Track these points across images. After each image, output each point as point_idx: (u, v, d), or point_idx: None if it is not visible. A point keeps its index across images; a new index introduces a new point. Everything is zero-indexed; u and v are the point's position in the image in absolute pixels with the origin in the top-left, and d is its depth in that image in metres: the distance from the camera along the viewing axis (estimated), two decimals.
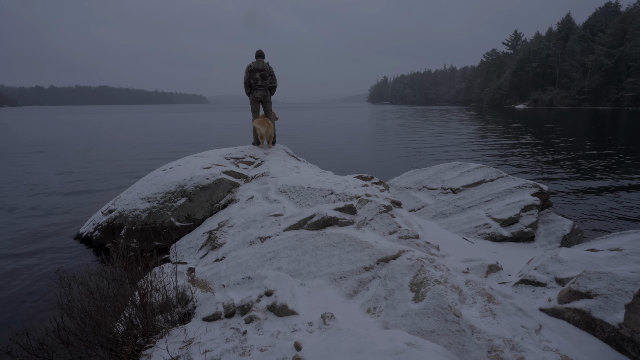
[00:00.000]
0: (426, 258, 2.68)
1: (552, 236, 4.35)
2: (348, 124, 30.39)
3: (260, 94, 6.42)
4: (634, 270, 2.27)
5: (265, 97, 6.48)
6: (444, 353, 1.70)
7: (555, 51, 63.54)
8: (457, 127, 25.49)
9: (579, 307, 2.14)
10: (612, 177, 8.93)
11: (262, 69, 6.36)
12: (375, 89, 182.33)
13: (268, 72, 6.42)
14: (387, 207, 3.66)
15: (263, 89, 6.43)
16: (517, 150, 13.89)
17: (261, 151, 6.40)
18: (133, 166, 11.15)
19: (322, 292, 2.65)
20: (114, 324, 2.17)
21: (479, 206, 4.88)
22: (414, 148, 15.11)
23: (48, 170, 10.52)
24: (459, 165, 5.91)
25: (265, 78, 6.41)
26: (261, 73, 6.36)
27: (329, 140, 18.72)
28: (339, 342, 1.74)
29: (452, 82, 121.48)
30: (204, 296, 2.54)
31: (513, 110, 56.08)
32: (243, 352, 1.99)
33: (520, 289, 2.70)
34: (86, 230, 5.02)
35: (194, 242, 4.27)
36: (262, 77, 6.38)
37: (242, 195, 4.85)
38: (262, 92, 6.42)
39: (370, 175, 5.16)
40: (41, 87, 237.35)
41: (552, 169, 10.12)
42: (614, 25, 53.70)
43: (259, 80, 6.37)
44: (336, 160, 11.96)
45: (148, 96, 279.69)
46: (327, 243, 3.14)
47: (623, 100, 51.51)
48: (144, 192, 4.87)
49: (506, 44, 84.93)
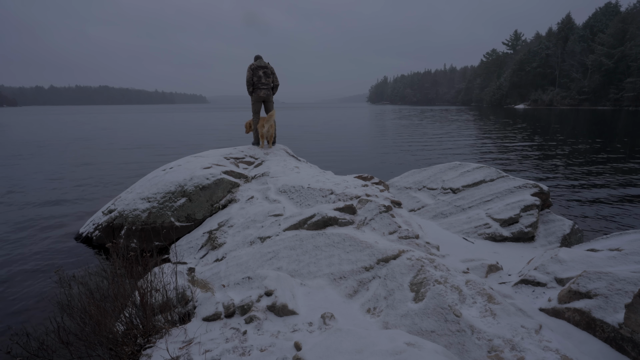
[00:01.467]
0: (426, 258, 2.68)
1: (552, 236, 4.35)
2: (348, 124, 30.40)
3: (263, 92, 6.43)
4: (634, 270, 2.27)
5: (268, 96, 6.49)
6: (444, 353, 1.70)
7: (555, 51, 63.52)
8: (457, 127, 25.49)
9: (579, 307, 2.14)
10: (612, 177, 8.93)
11: (264, 67, 6.40)
12: (375, 89, 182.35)
13: (270, 69, 6.45)
14: (387, 207, 3.66)
15: (266, 87, 6.44)
16: (517, 150, 13.89)
17: (261, 151, 6.40)
18: (133, 166, 11.15)
19: (322, 292, 2.65)
20: (114, 324, 2.17)
21: (479, 206, 4.88)
22: (414, 148, 15.11)
23: (48, 170, 10.52)
24: (459, 165, 5.91)
25: (268, 76, 6.44)
26: (264, 70, 6.39)
27: (329, 140, 18.72)
28: (339, 342, 1.74)
29: (452, 82, 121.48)
30: (204, 296, 2.54)
31: (513, 110, 56.06)
32: (243, 352, 1.99)
33: (520, 289, 2.69)
34: (86, 230, 5.02)
35: (194, 242, 4.27)
36: (265, 75, 6.40)
37: (242, 195, 4.85)
38: (265, 91, 6.43)
39: (370, 175, 5.16)
40: (41, 87, 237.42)
41: (552, 169, 10.12)
42: (614, 25, 53.67)
43: (262, 77, 6.39)
44: (336, 160, 11.96)
45: (148, 96, 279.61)
46: (327, 243, 3.14)
47: (623, 100, 51.49)
48: (144, 192, 4.87)
49: (506, 44, 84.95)
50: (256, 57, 6.56)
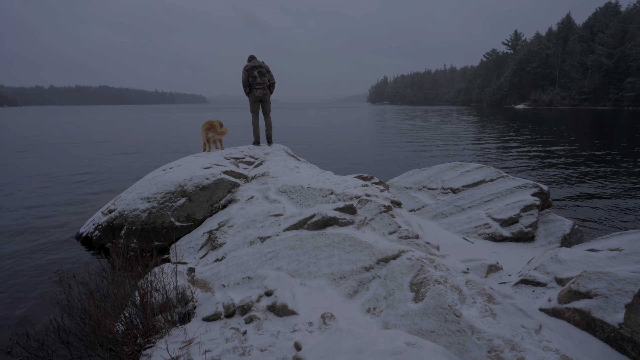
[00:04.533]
0: (426, 258, 2.68)
1: (552, 236, 4.35)
2: (348, 124, 30.38)
3: (259, 92, 6.43)
4: (634, 270, 2.27)
5: (264, 95, 6.49)
6: (444, 353, 1.70)
7: (555, 51, 63.52)
8: (457, 127, 25.49)
9: (579, 307, 2.14)
10: (612, 177, 8.93)
11: (259, 66, 6.40)
12: (375, 89, 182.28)
13: (265, 68, 6.44)
14: (387, 207, 3.66)
15: (262, 87, 6.43)
16: (517, 150, 13.89)
17: (261, 151, 6.39)
18: (133, 166, 11.15)
19: (322, 292, 2.65)
20: (114, 324, 2.17)
21: (479, 206, 4.88)
22: (414, 148, 15.11)
23: (48, 170, 10.52)
24: (459, 165, 5.91)
25: (264, 75, 6.43)
26: (259, 70, 6.39)
27: (329, 140, 18.72)
28: (339, 342, 1.74)
29: (452, 82, 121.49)
30: (204, 296, 2.54)
31: (513, 110, 56.06)
32: (243, 352, 1.99)
33: (520, 289, 2.70)
34: (86, 230, 5.02)
35: (194, 242, 4.27)
36: (260, 74, 6.39)
37: (242, 195, 4.85)
38: (261, 91, 6.43)
39: (370, 175, 5.16)
40: (41, 87, 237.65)
41: (552, 169, 10.12)
42: (614, 25, 53.68)
43: (258, 77, 6.38)
44: (336, 160, 11.96)
45: (148, 96, 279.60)
46: (327, 243, 3.14)
47: (623, 100, 51.49)
48: (144, 192, 4.87)
49: (506, 44, 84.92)
50: (250, 57, 6.56)
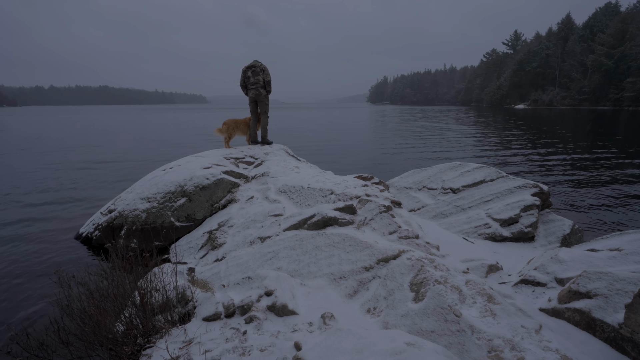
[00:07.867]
0: (426, 258, 2.67)
1: (552, 236, 4.35)
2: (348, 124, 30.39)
3: (252, 93, 6.51)
4: (634, 270, 2.27)
5: (257, 96, 6.51)
6: (444, 353, 1.70)
7: (555, 51, 63.51)
8: (457, 127, 25.49)
9: (579, 307, 2.14)
10: (612, 177, 8.93)
11: (253, 66, 6.48)
12: (375, 89, 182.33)
13: (260, 67, 6.49)
14: (387, 207, 3.66)
15: (254, 87, 6.49)
16: (517, 150, 13.89)
17: (261, 151, 6.40)
18: (133, 166, 11.15)
19: (322, 292, 2.65)
20: (114, 324, 2.17)
21: (479, 206, 4.88)
22: (414, 148, 15.11)
23: (48, 170, 10.52)
24: (459, 165, 5.91)
25: (257, 74, 6.47)
26: (252, 70, 6.48)
27: (329, 140, 18.72)
28: (339, 342, 1.73)
29: (452, 82, 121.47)
30: (204, 296, 2.54)
31: (513, 110, 56.06)
32: (243, 352, 1.99)
33: (520, 289, 2.70)
34: (86, 231, 5.02)
35: (194, 242, 4.27)
36: (253, 74, 6.45)
37: (242, 195, 4.85)
38: (254, 91, 6.50)
39: (370, 175, 5.16)
40: (41, 87, 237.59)
41: (552, 169, 10.12)
42: (614, 25, 53.67)
43: (251, 77, 6.47)
44: (336, 160, 11.96)
45: (148, 96, 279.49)
46: (327, 243, 3.14)
47: (623, 100, 51.48)
48: (143, 192, 4.87)
49: (506, 44, 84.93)
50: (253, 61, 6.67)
